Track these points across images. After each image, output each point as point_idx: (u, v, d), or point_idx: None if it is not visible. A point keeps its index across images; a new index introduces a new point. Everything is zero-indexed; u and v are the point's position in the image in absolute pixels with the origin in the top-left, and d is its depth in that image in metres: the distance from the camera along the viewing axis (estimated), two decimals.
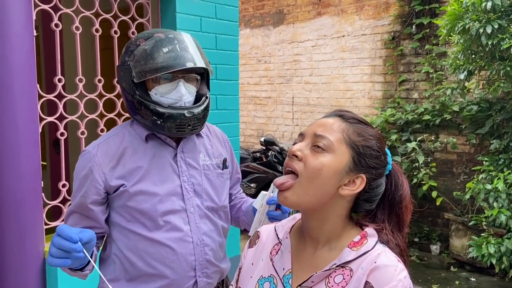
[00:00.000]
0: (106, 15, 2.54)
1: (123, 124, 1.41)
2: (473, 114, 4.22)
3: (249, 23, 6.28)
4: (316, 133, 0.87)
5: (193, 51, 1.31)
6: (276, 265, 0.91)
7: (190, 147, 1.39)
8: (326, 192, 0.85)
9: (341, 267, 0.84)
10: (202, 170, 1.39)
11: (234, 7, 3.09)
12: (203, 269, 1.35)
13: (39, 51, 3.76)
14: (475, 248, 3.56)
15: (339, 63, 5.35)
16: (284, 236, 0.94)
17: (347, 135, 0.86)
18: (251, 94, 6.33)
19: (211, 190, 1.40)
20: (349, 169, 0.85)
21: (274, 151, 4.70)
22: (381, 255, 0.82)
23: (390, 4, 4.92)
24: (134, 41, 1.32)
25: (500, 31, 3.49)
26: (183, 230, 1.32)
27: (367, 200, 0.89)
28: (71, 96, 2.44)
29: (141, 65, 1.27)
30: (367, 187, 0.87)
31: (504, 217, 3.44)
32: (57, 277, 2.28)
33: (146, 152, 1.33)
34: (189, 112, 1.29)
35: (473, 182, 3.78)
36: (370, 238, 0.86)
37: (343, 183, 0.85)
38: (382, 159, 0.89)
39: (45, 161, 3.95)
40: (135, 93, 1.29)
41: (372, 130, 0.90)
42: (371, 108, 5.11)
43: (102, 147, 1.31)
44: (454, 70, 3.98)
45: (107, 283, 1.06)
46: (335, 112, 0.92)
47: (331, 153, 0.84)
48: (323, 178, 0.83)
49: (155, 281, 1.31)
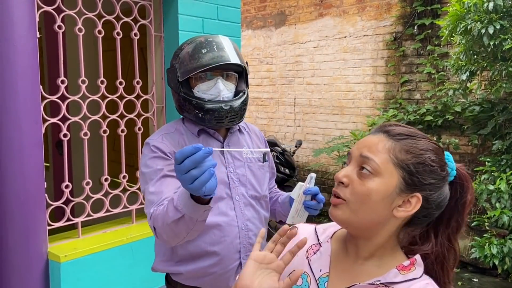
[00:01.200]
0: (108, 17, 2.55)
1: (175, 121, 1.55)
2: (475, 115, 4.22)
3: (251, 24, 6.29)
4: (362, 154, 0.82)
5: (229, 50, 1.46)
6: (313, 264, 0.90)
7: (234, 142, 1.54)
8: (377, 215, 0.81)
9: (385, 285, 0.81)
10: (245, 162, 1.52)
11: (236, 8, 3.10)
12: (246, 252, 1.46)
13: (42, 53, 3.77)
14: (478, 249, 3.55)
15: (341, 64, 5.36)
16: (325, 239, 0.93)
17: (394, 155, 0.81)
18: (253, 95, 6.33)
19: (254, 181, 1.52)
20: (400, 190, 0.80)
21: (276, 152, 4.70)
22: (429, 285, 0.80)
23: (392, 5, 4.92)
24: (180, 46, 1.50)
25: (502, 31, 3.49)
26: (230, 215, 1.45)
27: (425, 216, 0.84)
28: (74, 98, 2.45)
29: (184, 66, 1.44)
30: (425, 204, 0.82)
31: (507, 217, 3.44)
32: (60, 277, 2.28)
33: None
34: (226, 105, 1.43)
35: (476, 183, 3.77)
36: (418, 267, 0.83)
37: (397, 205, 0.81)
38: (439, 172, 0.82)
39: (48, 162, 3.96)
40: (181, 91, 1.46)
41: (423, 142, 0.83)
42: (373, 109, 5.11)
43: (167, 138, 1.45)
44: (456, 71, 3.98)
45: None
46: (380, 128, 0.86)
47: (378, 176, 0.80)
48: (372, 203, 0.80)
49: (204, 260, 1.42)
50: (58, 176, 3.56)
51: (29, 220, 2.21)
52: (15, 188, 2.16)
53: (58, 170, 3.69)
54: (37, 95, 2.22)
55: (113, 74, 2.65)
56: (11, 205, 2.16)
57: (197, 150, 0.96)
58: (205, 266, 1.42)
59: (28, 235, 2.22)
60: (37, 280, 2.28)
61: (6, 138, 2.13)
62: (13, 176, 2.15)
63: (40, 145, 2.25)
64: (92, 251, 2.42)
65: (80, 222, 2.54)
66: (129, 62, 2.95)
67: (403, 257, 0.86)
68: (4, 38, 2.08)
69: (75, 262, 2.34)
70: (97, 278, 2.43)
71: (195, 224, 1.14)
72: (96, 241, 2.51)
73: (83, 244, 2.46)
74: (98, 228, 2.71)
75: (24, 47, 2.14)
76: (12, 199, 2.16)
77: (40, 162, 2.25)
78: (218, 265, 1.43)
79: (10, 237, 2.18)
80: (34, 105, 2.21)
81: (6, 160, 2.14)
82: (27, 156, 2.18)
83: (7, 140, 2.13)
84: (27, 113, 2.17)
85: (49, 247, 2.34)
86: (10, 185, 2.16)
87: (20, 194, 2.17)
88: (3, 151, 2.13)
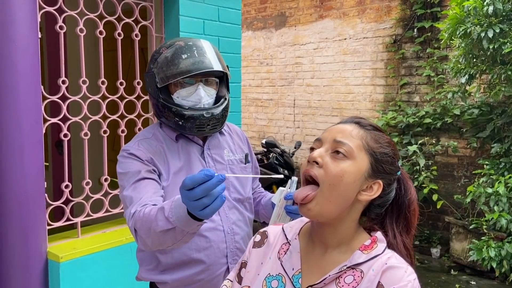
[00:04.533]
0: (110, 18, 2.56)
1: (152, 126, 1.50)
2: (474, 118, 4.23)
3: (251, 26, 6.30)
4: (336, 139, 0.88)
5: (211, 56, 1.41)
6: (285, 264, 0.93)
7: (215, 144, 1.50)
8: (346, 199, 0.86)
9: (352, 268, 0.86)
10: (227, 165, 1.50)
11: (236, 10, 3.11)
12: (233, 256, 1.45)
13: (43, 53, 3.78)
14: (476, 252, 3.56)
15: (341, 66, 5.37)
16: (293, 237, 0.96)
17: (366, 141, 0.88)
18: (253, 96, 6.34)
19: (236, 183, 1.50)
20: (367, 175, 0.87)
21: (275, 153, 4.71)
22: (391, 258, 0.85)
23: (392, 7, 4.93)
24: (158, 49, 1.44)
25: (502, 35, 3.51)
26: (215, 220, 1.42)
27: (380, 205, 0.92)
28: (75, 98, 2.46)
29: (163, 71, 1.38)
30: (382, 192, 0.89)
31: (505, 220, 3.45)
32: (59, 277, 2.29)
33: (178, 150, 1.44)
34: (207, 113, 1.39)
35: (474, 186, 3.78)
36: (379, 243, 0.88)
37: (362, 189, 0.87)
38: (396, 165, 0.92)
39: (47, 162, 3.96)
40: (159, 97, 1.40)
41: (386, 137, 0.93)
42: (373, 111, 5.12)
43: (143, 144, 1.40)
44: (455, 74, 3.99)
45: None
46: (352, 119, 0.93)
47: (351, 159, 0.86)
48: (345, 185, 0.85)
49: (191, 267, 1.39)
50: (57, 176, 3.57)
51: (29, 219, 2.21)
52: (15, 187, 2.17)
53: (57, 170, 3.69)
54: (38, 95, 2.23)
55: (113, 74, 2.66)
56: (11, 204, 2.17)
57: (209, 178, 0.91)
58: (192, 273, 1.39)
59: (27, 234, 2.22)
60: (36, 280, 2.28)
61: (6, 137, 2.14)
62: (13, 176, 2.16)
63: (41, 145, 2.26)
64: (92, 251, 2.42)
65: (79, 222, 2.54)
66: (129, 63, 2.96)
67: (365, 236, 0.91)
68: (6, 38, 2.09)
69: (74, 262, 2.34)
70: (96, 278, 2.43)
71: (184, 235, 1.10)
72: (95, 241, 2.51)
73: (83, 244, 2.46)
74: (97, 228, 2.71)
75: (25, 47, 2.14)
76: (12, 198, 2.17)
77: (40, 162, 2.25)
78: (205, 272, 1.40)
79: (9, 237, 2.18)
80: (35, 105, 2.21)
81: (7, 159, 2.14)
82: (27, 156, 2.18)
83: (7, 139, 2.14)
84: (27, 113, 2.17)
85: (48, 247, 2.35)
86: (10, 185, 2.16)
87: (20, 194, 2.18)
88: (4, 151, 2.14)
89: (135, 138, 1.44)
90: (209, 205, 0.93)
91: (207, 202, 0.92)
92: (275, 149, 4.71)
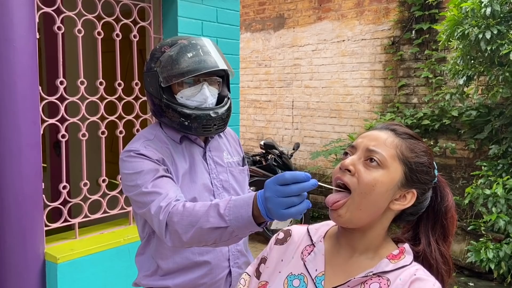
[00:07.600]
0: (108, 19, 2.55)
1: (152, 127, 1.46)
2: (472, 119, 4.24)
3: (250, 27, 6.31)
4: (369, 147, 0.87)
5: (215, 54, 1.40)
6: (308, 265, 0.92)
7: (215, 147, 1.50)
8: (378, 208, 0.86)
9: (378, 276, 0.85)
10: (227, 167, 1.49)
11: (235, 11, 3.11)
12: (235, 259, 1.45)
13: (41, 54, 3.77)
14: (474, 253, 3.57)
15: (339, 67, 5.38)
16: (318, 239, 0.96)
17: (400, 151, 0.86)
18: (251, 98, 6.34)
19: (236, 185, 1.50)
20: (401, 184, 0.86)
21: (274, 155, 4.71)
22: (419, 270, 0.84)
23: (390, 9, 4.94)
24: (159, 48, 1.40)
25: (499, 37, 3.52)
26: None
27: (412, 213, 0.90)
28: (73, 99, 2.46)
29: (168, 70, 1.35)
30: (416, 201, 0.88)
31: (503, 222, 3.45)
32: (56, 278, 2.28)
33: (183, 152, 1.43)
34: (214, 113, 1.37)
35: (472, 187, 3.79)
36: (407, 255, 0.87)
37: (394, 198, 0.86)
38: (432, 174, 0.90)
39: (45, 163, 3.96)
40: (163, 97, 1.36)
41: (423, 145, 0.90)
42: (371, 112, 5.13)
43: (149, 145, 1.36)
44: (453, 76, 4.00)
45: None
46: (387, 126, 0.91)
47: (384, 168, 0.85)
48: (376, 194, 0.84)
49: (194, 271, 1.39)
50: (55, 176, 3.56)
51: (26, 220, 2.21)
52: (13, 188, 2.16)
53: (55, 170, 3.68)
54: (36, 96, 2.22)
55: (112, 75, 2.65)
56: (8, 205, 2.16)
57: (308, 179, 0.90)
58: (194, 277, 1.38)
59: (25, 235, 2.21)
60: (34, 281, 2.27)
61: (4, 138, 2.13)
62: (11, 177, 2.15)
63: (38, 146, 2.25)
64: (89, 252, 2.42)
65: (77, 223, 2.54)
66: (128, 64, 2.96)
67: (393, 246, 0.90)
68: (4, 38, 2.09)
69: (72, 263, 2.34)
70: (94, 279, 2.43)
71: (231, 238, 1.07)
72: (93, 242, 2.51)
73: (80, 245, 2.46)
74: (95, 229, 2.70)
75: (23, 48, 2.14)
76: (9, 199, 2.16)
77: (38, 162, 2.25)
78: (208, 275, 1.40)
79: (7, 238, 2.18)
80: (33, 106, 2.21)
81: (4, 160, 2.14)
82: (25, 157, 2.18)
83: (5, 140, 2.13)
84: (25, 114, 2.17)
85: (46, 248, 2.34)
86: (7, 186, 2.15)
87: (17, 195, 2.17)
88: (1, 151, 2.13)
89: (137, 139, 1.40)
90: (296, 205, 0.92)
91: (296, 201, 0.91)
92: (273, 151, 4.71)
